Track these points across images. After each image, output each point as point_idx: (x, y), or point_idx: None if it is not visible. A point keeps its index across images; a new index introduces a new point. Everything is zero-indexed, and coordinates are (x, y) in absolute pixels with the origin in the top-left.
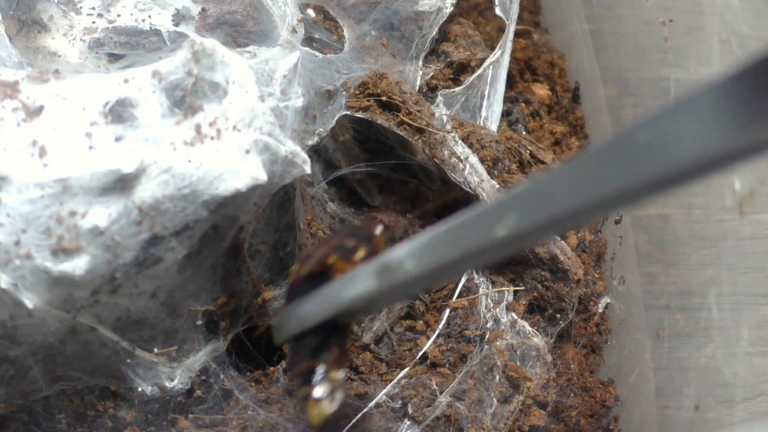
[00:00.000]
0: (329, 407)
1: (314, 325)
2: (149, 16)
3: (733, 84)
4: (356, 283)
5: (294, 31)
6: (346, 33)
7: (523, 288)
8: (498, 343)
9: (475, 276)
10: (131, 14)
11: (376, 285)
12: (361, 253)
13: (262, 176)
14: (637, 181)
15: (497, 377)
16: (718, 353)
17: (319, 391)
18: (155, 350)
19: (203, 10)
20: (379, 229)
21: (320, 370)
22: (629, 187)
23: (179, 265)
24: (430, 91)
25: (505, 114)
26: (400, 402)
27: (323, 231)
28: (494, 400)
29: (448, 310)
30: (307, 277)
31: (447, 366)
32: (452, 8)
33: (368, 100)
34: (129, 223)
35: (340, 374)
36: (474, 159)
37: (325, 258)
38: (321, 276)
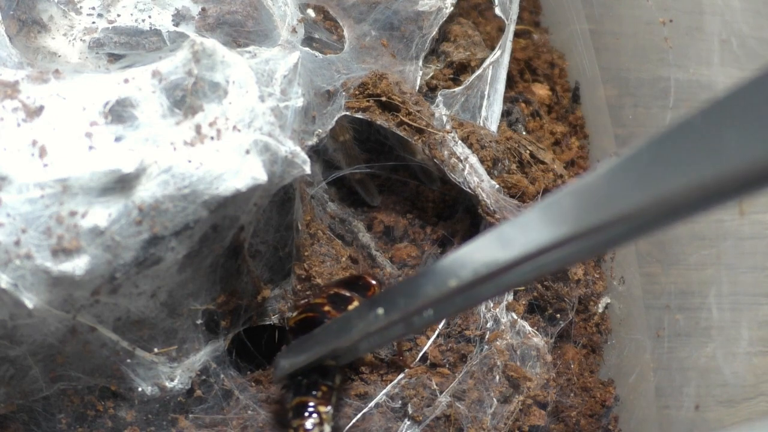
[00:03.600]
0: None
1: (305, 365)
2: (149, 16)
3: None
4: (336, 330)
5: (294, 31)
6: (346, 33)
7: (523, 288)
8: (498, 343)
9: None
10: (131, 14)
11: (352, 332)
12: (355, 304)
13: (262, 176)
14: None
15: (497, 377)
16: (718, 353)
17: (309, 423)
18: (155, 350)
19: (203, 10)
20: (375, 284)
21: (311, 404)
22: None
23: (179, 265)
24: (430, 91)
25: (505, 114)
26: (400, 402)
27: (322, 231)
28: (494, 400)
29: None
30: (304, 322)
31: (447, 366)
32: (452, 8)
33: (368, 101)
34: (129, 223)
35: (327, 409)
36: (474, 159)
37: (321, 307)
38: (316, 322)
